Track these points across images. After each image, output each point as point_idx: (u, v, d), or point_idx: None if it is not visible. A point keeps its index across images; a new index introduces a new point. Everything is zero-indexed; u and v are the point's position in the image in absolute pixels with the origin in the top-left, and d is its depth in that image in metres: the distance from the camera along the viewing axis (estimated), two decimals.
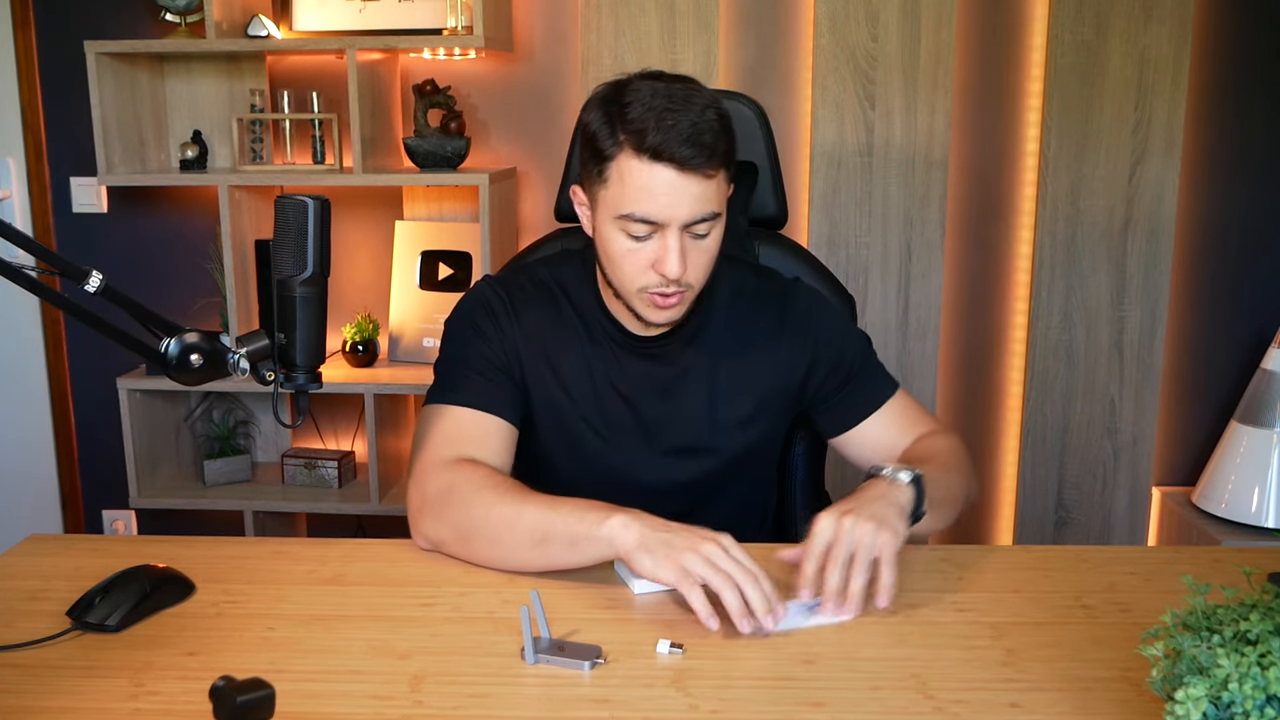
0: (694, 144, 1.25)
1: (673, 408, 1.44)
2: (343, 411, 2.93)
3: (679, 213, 1.27)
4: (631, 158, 1.27)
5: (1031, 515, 2.75)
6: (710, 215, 1.29)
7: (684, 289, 1.33)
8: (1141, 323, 2.66)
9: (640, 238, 1.30)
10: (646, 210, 1.27)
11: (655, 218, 1.27)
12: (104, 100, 2.57)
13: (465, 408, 1.38)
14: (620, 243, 1.31)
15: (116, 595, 1.15)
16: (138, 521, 3.02)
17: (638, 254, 1.31)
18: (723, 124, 1.29)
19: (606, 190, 1.30)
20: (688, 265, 1.30)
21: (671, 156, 1.24)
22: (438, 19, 2.67)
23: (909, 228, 2.65)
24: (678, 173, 1.25)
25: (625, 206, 1.28)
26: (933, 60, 2.57)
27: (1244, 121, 2.66)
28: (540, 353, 1.44)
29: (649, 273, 1.31)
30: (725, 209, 1.33)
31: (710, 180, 1.27)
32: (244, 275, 2.68)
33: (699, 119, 1.26)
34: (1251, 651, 0.81)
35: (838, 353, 1.47)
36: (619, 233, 1.31)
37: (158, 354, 1.12)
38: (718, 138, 1.27)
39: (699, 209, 1.28)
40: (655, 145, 1.25)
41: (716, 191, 1.29)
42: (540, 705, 1.00)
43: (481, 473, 1.31)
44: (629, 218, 1.28)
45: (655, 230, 1.29)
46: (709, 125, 1.26)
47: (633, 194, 1.27)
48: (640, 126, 1.25)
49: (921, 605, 1.20)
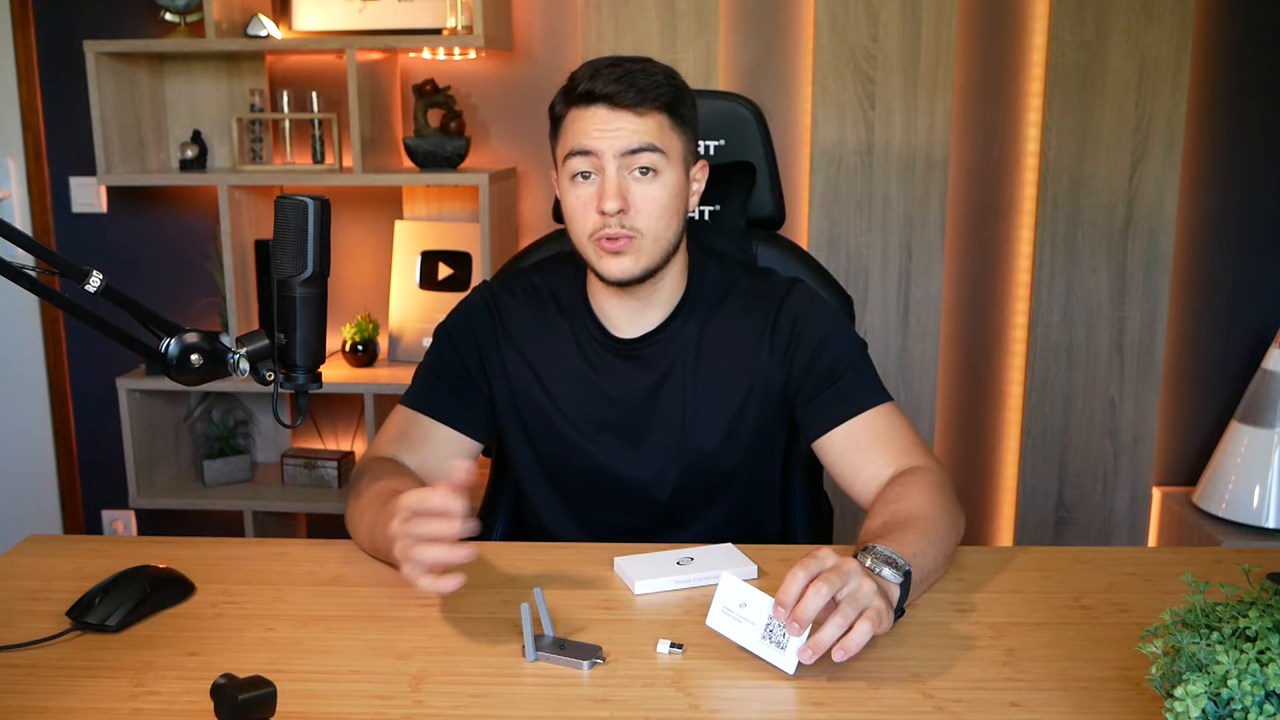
0: (622, 82, 1.32)
1: (657, 410, 1.45)
2: (342, 411, 2.93)
3: (613, 143, 1.32)
4: (572, 108, 1.35)
5: (1032, 515, 2.75)
6: (646, 146, 1.33)
7: (631, 233, 1.34)
8: (1141, 323, 2.66)
9: (584, 176, 1.35)
10: (581, 143, 1.33)
11: (588, 147, 1.33)
12: (103, 100, 2.57)
13: (419, 412, 1.45)
14: (570, 189, 1.36)
15: (116, 595, 1.15)
16: (137, 522, 3.02)
17: (584, 198, 1.35)
18: (667, 78, 1.36)
19: (558, 147, 1.38)
20: (632, 205, 1.34)
21: (599, 94, 1.32)
22: (438, 19, 2.67)
23: (909, 228, 2.65)
24: (608, 108, 1.32)
25: (565, 148, 1.36)
26: (933, 60, 2.57)
27: (1244, 121, 2.66)
28: (525, 359, 1.47)
29: (593, 214, 1.34)
30: (681, 162, 1.37)
31: (643, 117, 1.33)
32: (244, 275, 2.68)
33: (636, 68, 1.34)
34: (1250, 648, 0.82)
35: (823, 350, 1.42)
36: (568, 182, 1.36)
37: (158, 354, 1.12)
38: (654, 84, 1.33)
39: (632, 140, 1.32)
40: (588, 89, 1.33)
41: (654, 128, 1.33)
42: (540, 705, 1.00)
43: (381, 468, 1.37)
44: (570, 154, 1.35)
45: (596, 169, 1.34)
46: (646, 74, 1.34)
47: (570, 137, 1.35)
48: (578, 79, 1.35)
49: (921, 605, 1.20)
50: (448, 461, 1.42)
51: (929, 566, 1.20)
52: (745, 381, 1.45)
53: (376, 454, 1.44)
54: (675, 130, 1.36)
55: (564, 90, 1.38)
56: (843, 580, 1.03)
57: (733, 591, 1.07)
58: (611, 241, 1.34)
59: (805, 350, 1.43)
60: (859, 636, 1.01)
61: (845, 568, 1.05)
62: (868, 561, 1.11)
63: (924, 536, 1.21)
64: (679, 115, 1.37)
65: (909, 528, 1.21)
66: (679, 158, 1.37)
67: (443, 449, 1.44)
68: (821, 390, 1.42)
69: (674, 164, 1.36)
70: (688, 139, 1.39)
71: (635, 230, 1.34)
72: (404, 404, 1.47)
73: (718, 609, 1.07)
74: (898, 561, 1.12)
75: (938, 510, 1.27)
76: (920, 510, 1.25)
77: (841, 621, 1.01)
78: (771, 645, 1.04)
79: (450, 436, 1.44)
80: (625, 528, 1.47)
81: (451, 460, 1.42)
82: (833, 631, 1.01)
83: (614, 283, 1.38)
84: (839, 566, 1.05)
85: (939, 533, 1.24)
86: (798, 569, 1.04)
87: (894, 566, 1.11)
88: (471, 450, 1.47)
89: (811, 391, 1.42)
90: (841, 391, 1.41)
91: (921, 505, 1.26)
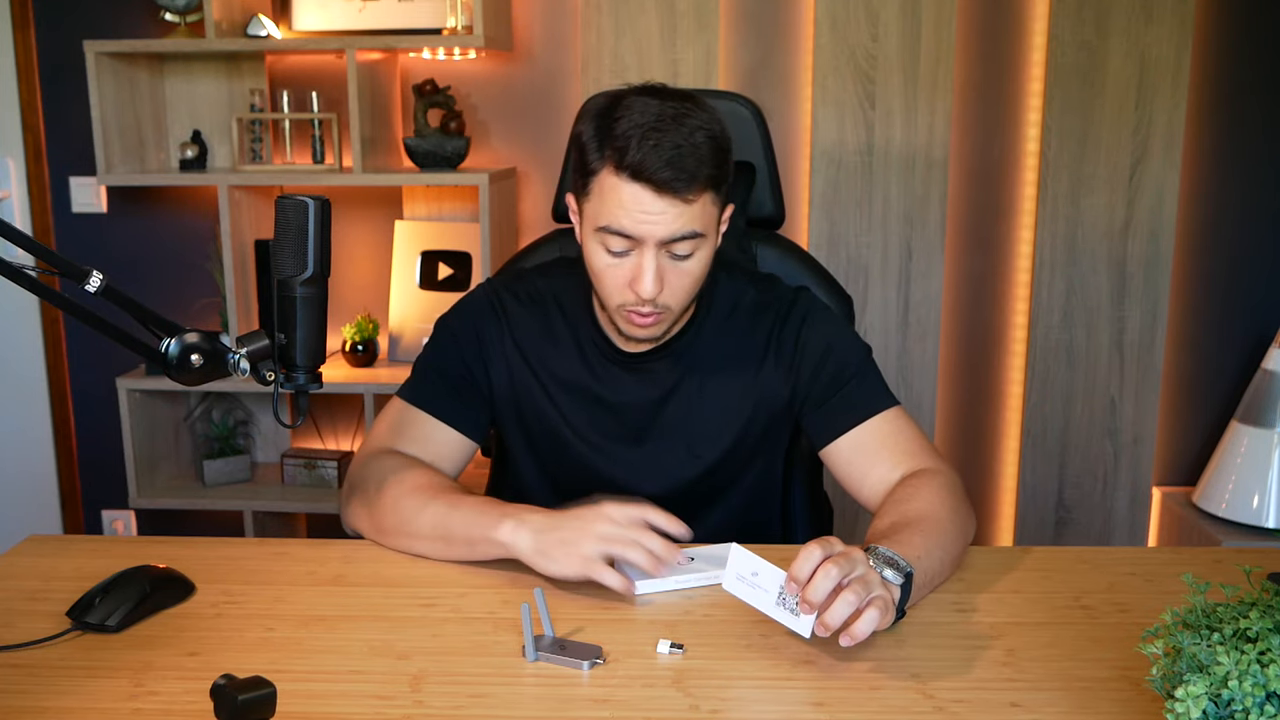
0: (674, 166, 1.24)
1: (661, 421, 1.44)
2: (343, 411, 2.93)
3: (654, 230, 1.26)
4: (611, 174, 1.26)
5: (1032, 515, 2.75)
6: (688, 234, 1.27)
7: (661, 310, 1.32)
8: (1141, 323, 2.66)
9: (618, 253, 1.30)
10: (622, 225, 1.27)
11: (630, 232, 1.27)
12: (103, 100, 2.57)
13: (418, 408, 1.44)
14: (600, 257, 1.31)
15: (116, 595, 1.15)
16: (137, 522, 3.02)
17: (616, 270, 1.31)
18: (713, 146, 1.27)
19: (589, 203, 1.31)
20: (665, 285, 1.29)
21: (649, 177, 1.24)
22: (438, 19, 2.67)
23: (909, 228, 2.65)
24: (654, 194, 1.24)
25: (602, 220, 1.28)
26: (933, 60, 2.57)
27: (1244, 121, 2.66)
28: (529, 365, 1.46)
29: (626, 290, 1.31)
30: (715, 231, 1.32)
31: (689, 204, 1.26)
32: (244, 275, 2.68)
33: (684, 141, 1.24)
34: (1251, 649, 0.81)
35: (828, 359, 1.42)
36: (599, 246, 1.31)
37: (158, 354, 1.12)
38: (702, 162, 1.25)
39: (675, 228, 1.26)
40: (634, 163, 1.24)
41: (698, 214, 1.27)
42: (540, 705, 1.00)
43: (400, 463, 1.36)
44: (606, 230, 1.29)
45: (633, 247, 1.28)
46: (694, 148, 1.25)
47: (610, 209, 1.27)
48: (623, 144, 1.25)
49: (922, 605, 1.20)
50: (443, 459, 1.43)
51: (933, 569, 1.20)
52: (751, 393, 1.44)
53: (377, 447, 1.42)
54: (716, 202, 1.30)
55: (602, 136, 1.27)
56: (851, 566, 1.05)
57: (744, 562, 1.09)
58: (642, 317, 1.32)
59: (810, 360, 1.43)
60: (865, 625, 1.02)
61: (854, 555, 1.07)
62: (870, 561, 1.11)
63: (929, 538, 1.20)
64: (721, 182, 1.30)
65: (915, 529, 1.21)
66: (715, 226, 1.32)
67: (439, 447, 1.43)
68: (828, 398, 1.41)
69: (711, 236, 1.31)
70: (725, 200, 1.33)
71: (666, 305, 1.32)
72: (401, 396, 1.46)
73: (732, 575, 1.09)
74: (899, 563, 1.12)
75: (946, 512, 1.26)
76: (928, 511, 1.25)
77: (853, 599, 1.02)
78: (786, 611, 1.07)
79: (448, 435, 1.43)
80: None
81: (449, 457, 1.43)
82: (843, 609, 1.02)
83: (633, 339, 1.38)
84: (848, 553, 1.07)
85: (945, 535, 1.24)
86: (813, 545, 1.05)
87: (895, 568, 1.11)
88: (467, 450, 1.46)
89: (818, 400, 1.42)
90: (847, 399, 1.40)
91: (930, 506, 1.26)
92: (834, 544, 1.07)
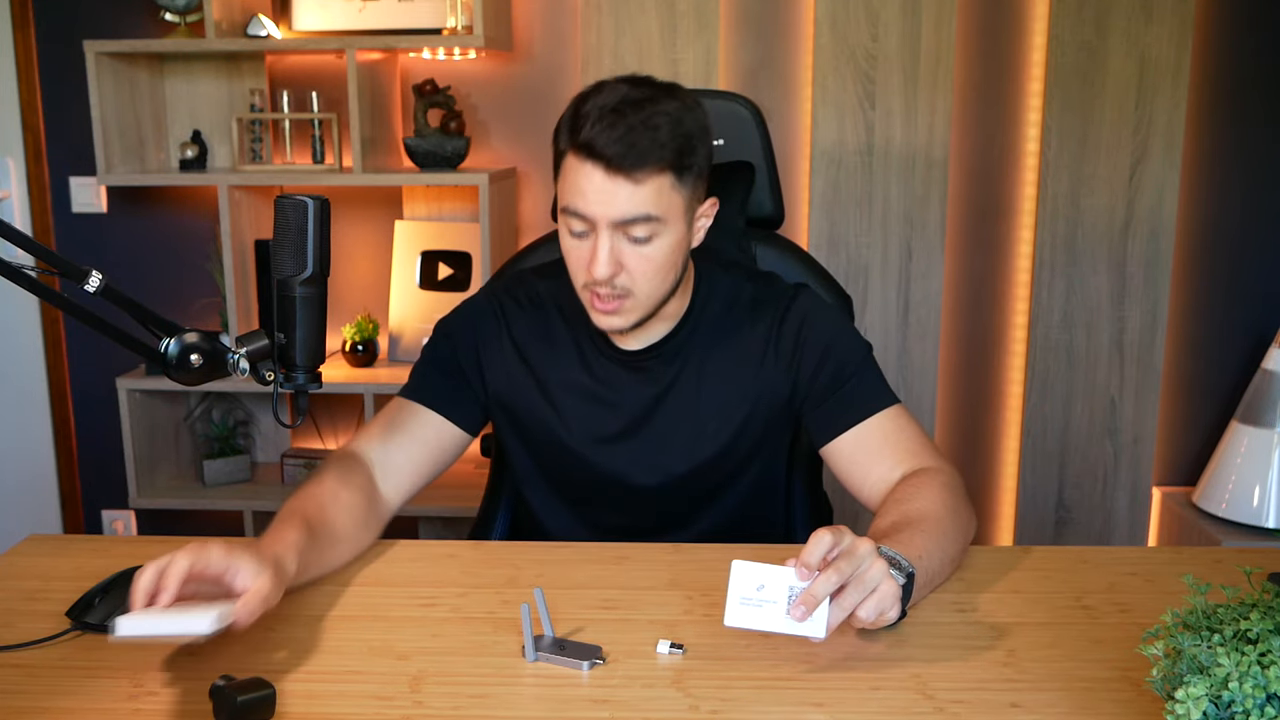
0: (623, 143, 1.23)
1: (661, 420, 1.44)
2: (342, 411, 2.93)
3: (606, 211, 1.26)
4: (572, 154, 1.27)
5: (1032, 515, 2.75)
6: (640, 217, 1.26)
7: (622, 294, 1.31)
8: (1141, 323, 2.66)
9: (578, 234, 1.30)
10: (576, 205, 1.27)
11: (583, 212, 1.27)
12: (103, 100, 2.57)
13: (410, 400, 1.44)
14: (565, 239, 1.33)
15: (116, 595, 1.15)
16: (137, 522, 3.02)
17: (577, 251, 1.32)
18: (674, 130, 1.26)
19: (558, 185, 1.32)
20: (625, 269, 1.29)
21: (599, 155, 1.24)
22: (438, 19, 2.67)
23: (909, 228, 2.65)
24: (605, 172, 1.24)
25: (563, 200, 1.30)
26: (933, 60, 2.57)
27: (1244, 121, 2.66)
28: (528, 365, 1.46)
29: (586, 271, 1.31)
30: (681, 219, 1.31)
31: (641, 184, 1.25)
32: (244, 275, 2.68)
33: (640, 123, 1.24)
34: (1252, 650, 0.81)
35: (829, 357, 1.41)
36: (564, 228, 1.32)
37: (158, 354, 1.12)
38: (657, 144, 1.24)
39: (627, 210, 1.26)
40: (587, 141, 1.24)
41: (650, 196, 1.26)
42: (540, 705, 1.00)
43: (323, 475, 1.33)
44: (565, 211, 1.30)
45: (590, 228, 1.29)
46: (650, 130, 1.24)
47: (568, 189, 1.29)
48: (582, 123, 1.26)
49: (923, 605, 1.19)
50: (431, 446, 1.42)
51: (934, 568, 1.19)
52: (751, 391, 1.44)
53: (351, 447, 1.41)
54: (677, 188, 1.28)
55: (570, 118, 1.29)
56: (853, 565, 1.04)
57: (746, 577, 1.05)
58: (601, 300, 1.32)
59: (810, 358, 1.42)
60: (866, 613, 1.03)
61: (859, 550, 1.05)
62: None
63: (931, 538, 1.20)
64: (683, 169, 1.28)
65: (916, 528, 1.20)
66: (680, 214, 1.30)
67: (431, 435, 1.43)
68: (828, 396, 1.41)
69: (673, 223, 1.29)
70: (693, 189, 1.31)
71: (627, 290, 1.31)
72: (400, 394, 1.47)
73: (734, 602, 1.05)
74: (901, 563, 1.11)
75: (947, 511, 1.26)
76: (929, 511, 1.24)
77: (856, 595, 1.03)
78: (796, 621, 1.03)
79: (439, 423, 1.43)
80: (625, 527, 1.47)
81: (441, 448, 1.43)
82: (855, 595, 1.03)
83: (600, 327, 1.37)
84: (853, 549, 1.05)
85: (946, 534, 1.23)
86: (824, 531, 1.05)
87: (897, 568, 1.11)
88: (458, 440, 1.45)
89: (818, 398, 1.42)
90: (848, 397, 1.40)
91: (931, 505, 1.26)
92: (844, 532, 1.06)
